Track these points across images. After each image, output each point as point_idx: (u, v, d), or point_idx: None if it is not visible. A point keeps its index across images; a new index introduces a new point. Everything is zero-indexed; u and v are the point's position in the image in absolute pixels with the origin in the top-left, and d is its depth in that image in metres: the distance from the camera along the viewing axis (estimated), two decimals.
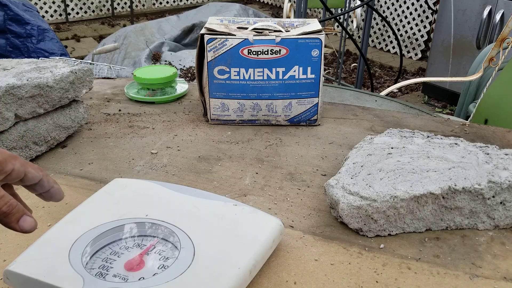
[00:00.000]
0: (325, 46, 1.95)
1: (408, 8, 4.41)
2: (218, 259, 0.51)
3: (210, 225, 0.56)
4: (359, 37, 4.67)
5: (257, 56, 0.88)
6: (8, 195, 0.45)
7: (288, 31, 0.91)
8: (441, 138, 0.77)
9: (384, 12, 4.63)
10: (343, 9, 3.38)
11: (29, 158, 0.78)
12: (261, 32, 0.90)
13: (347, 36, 2.95)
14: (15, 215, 0.45)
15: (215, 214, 0.58)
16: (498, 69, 1.42)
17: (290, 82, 0.91)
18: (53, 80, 0.79)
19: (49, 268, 0.49)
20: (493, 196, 0.63)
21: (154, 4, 6.03)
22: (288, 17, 3.10)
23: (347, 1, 3.22)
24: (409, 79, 2.90)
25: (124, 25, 5.04)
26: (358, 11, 3.45)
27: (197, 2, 6.23)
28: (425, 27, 4.32)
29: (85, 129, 0.92)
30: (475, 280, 0.56)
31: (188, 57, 3.79)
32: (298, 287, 0.54)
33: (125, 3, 5.71)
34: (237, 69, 0.89)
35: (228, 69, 0.90)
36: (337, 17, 2.70)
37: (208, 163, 0.81)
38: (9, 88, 0.73)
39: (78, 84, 0.84)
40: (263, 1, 6.66)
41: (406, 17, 4.45)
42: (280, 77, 0.90)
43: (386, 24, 4.59)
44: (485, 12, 2.99)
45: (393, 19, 4.56)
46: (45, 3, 5.15)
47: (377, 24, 4.75)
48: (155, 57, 3.68)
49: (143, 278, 0.49)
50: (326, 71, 4.07)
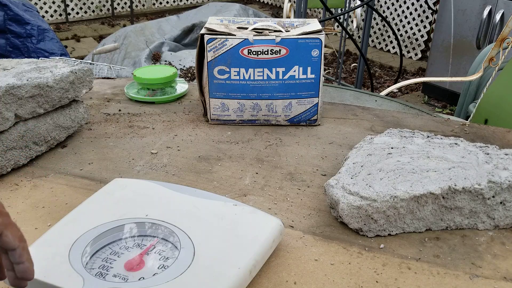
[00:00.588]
0: (325, 46, 1.95)
1: (408, 8, 4.41)
2: (218, 259, 0.51)
3: (210, 225, 0.56)
4: (359, 37, 4.67)
5: (257, 56, 0.88)
6: (16, 243, 0.41)
7: (288, 31, 0.91)
8: (441, 138, 0.77)
9: (384, 12, 4.63)
10: (343, 9, 3.38)
11: (29, 158, 0.79)
12: (261, 32, 0.90)
13: (347, 36, 2.95)
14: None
15: (215, 214, 0.58)
16: (498, 69, 1.42)
17: (290, 82, 0.91)
18: (53, 80, 0.79)
19: (49, 268, 0.49)
20: (493, 196, 0.63)
21: (154, 4, 6.03)
22: (288, 17, 3.10)
23: (347, 1, 3.22)
24: (409, 79, 2.90)
25: (124, 25, 5.03)
26: (358, 11, 3.45)
27: (197, 2, 6.22)
28: (425, 27, 4.32)
29: (85, 129, 0.92)
30: (475, 280, 0.56)
31: (188, 57, 3.78)
32: (298, 287, 0.54)
33: (125, 3, 5.71)
34: (237, 69, 0.89)
35: (228, 69, 0.90)
36: (337, 17, 2.69)
37: (208, 163, 0.81)
38: (9, 88, 0.73)
39: (78, 84, 0.84)
40: (263, 1, 6.65)
41: (406, 17, 4.44)
42: (280, 77, 0.90)
43: (386, 24, 4.59)
44: (485, 12, 2.98)
45: (393, 19, 4.56)
46: (45, 3, 5.15)
47: (377, 24, 4.75)
48: (155, 57, 3.68)
49: (143, 278, 0.49)
50: (326, 71, 4.07)
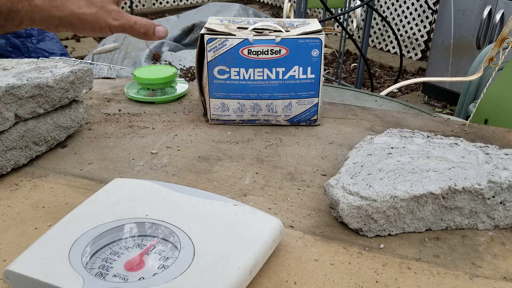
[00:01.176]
0: (325, 46, 1.95)
1: (408, 8, 4.41)
2: (218, 259, 0.51)
3: (210, 225, 0.56)
4: (359, 37, 4.67)
5: (257, 56, 0.88)
6: (139, 18, 0.55)
7: (288, 31, 0.91)
8: (441, 138, 0.77)
9: (384, 12, 4.63)
10: (343, 9, 3.38)
11: (29, 158, 0.79)
12: (261, 32, 0.90)
13: (347, 36, 2.95)
14: (150, 30, 0.57)
15: (215, 214, 0.58)
16: (498, 69, 1.42)
17: (290, 82, 0.91)
18: (53, 80, 0.79)
19: (49, 268, 0.49)
20: (493, 196, 0.63)
21: (154, 4, 6.03)
22: (288, 17, 3.10)
23: (347, 1, 3.22)
24: (409, 79, 2.90)
25: None
26: (358, 11, 3.45)
27: (197, 2, 6.23)
28: (425, 27, 4.32)
29: (85, 129, 0.92)
30: (475, 280, 0.56)
31: (188, 57, 3.79)
32: (298, 287, 0.54)
33: (125, 3, 5.71)
34: (237, 69, 0.89)
35: (228, 69, 0.90)
36: (337, 17, 2.69)
37: (208, 163, 0.81)
38: (9, 88, 0.73)
39: (78, 84, 0.84)
40: (263, 1, 6.65)
41: (406, 17, 4.45)
42: (280, 77, 0.90)
43: (386, 24, 4.59)
44: (485, 12, 2.99)
45: (393, 19, 4.56)
46: None
47: (377, 24, 4.75)
48: (155, 57, 3.68)
49: (143, 278, 0.49)
50: (326, 71, 4.07)
